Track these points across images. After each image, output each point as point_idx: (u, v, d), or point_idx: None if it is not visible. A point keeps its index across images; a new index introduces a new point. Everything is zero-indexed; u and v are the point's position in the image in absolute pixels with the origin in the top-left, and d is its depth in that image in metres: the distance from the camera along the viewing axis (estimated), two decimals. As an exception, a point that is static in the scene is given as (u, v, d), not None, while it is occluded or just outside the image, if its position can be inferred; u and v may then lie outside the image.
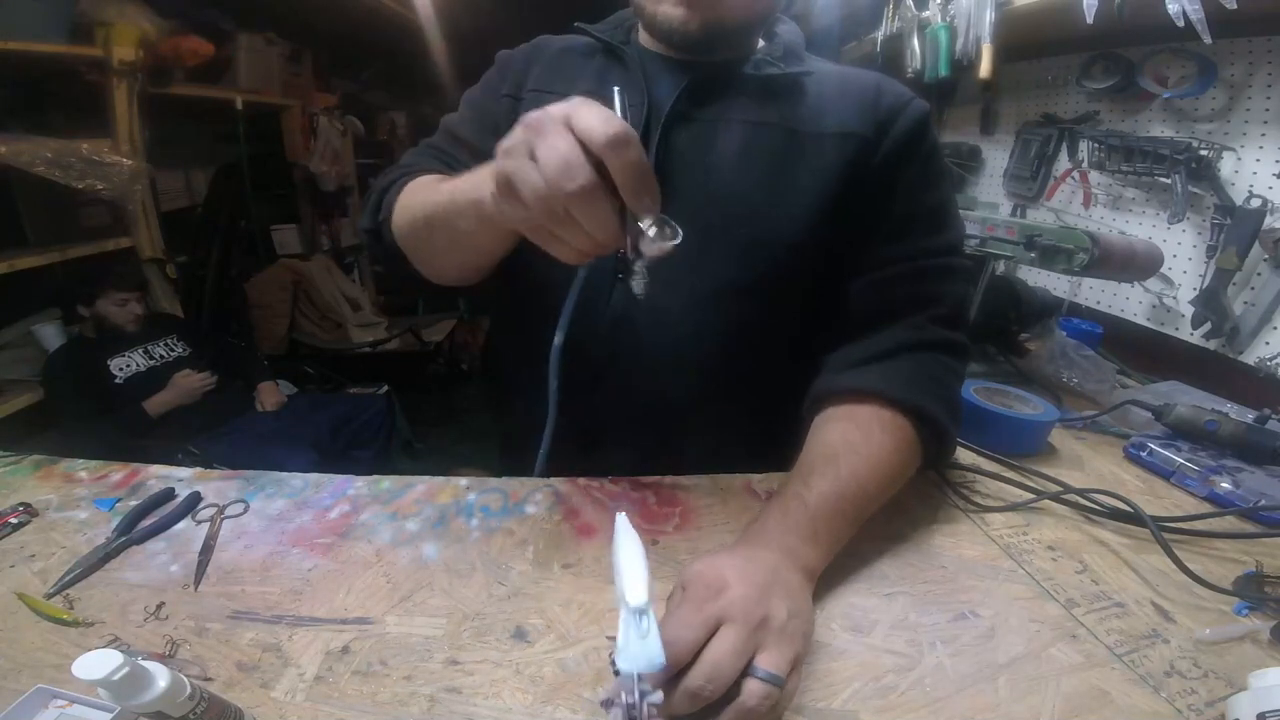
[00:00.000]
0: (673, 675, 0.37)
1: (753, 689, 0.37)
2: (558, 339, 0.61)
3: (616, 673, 0.34)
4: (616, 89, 0.40)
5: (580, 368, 0.63)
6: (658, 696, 0.33)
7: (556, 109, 0.36)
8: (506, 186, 0.38)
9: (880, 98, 0.63)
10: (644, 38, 0.68)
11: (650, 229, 0.39)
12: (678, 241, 0.40)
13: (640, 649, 0.33)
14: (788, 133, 0.62)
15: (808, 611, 0.44)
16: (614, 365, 0.64)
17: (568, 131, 0.36)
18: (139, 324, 1.76)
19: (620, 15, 0.69)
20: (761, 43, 0.67)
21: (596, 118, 0.35)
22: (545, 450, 0.65)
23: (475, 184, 0.47)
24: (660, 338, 0.62)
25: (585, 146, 0.35)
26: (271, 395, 1.97)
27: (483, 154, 0.47)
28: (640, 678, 0.33)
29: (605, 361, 0.64)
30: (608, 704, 0.34)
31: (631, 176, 0.36)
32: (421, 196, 0.58)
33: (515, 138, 0.37)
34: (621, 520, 0.39)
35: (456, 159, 0.67)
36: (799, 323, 0.67)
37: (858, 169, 0.61)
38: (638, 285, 0.45)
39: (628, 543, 0.37)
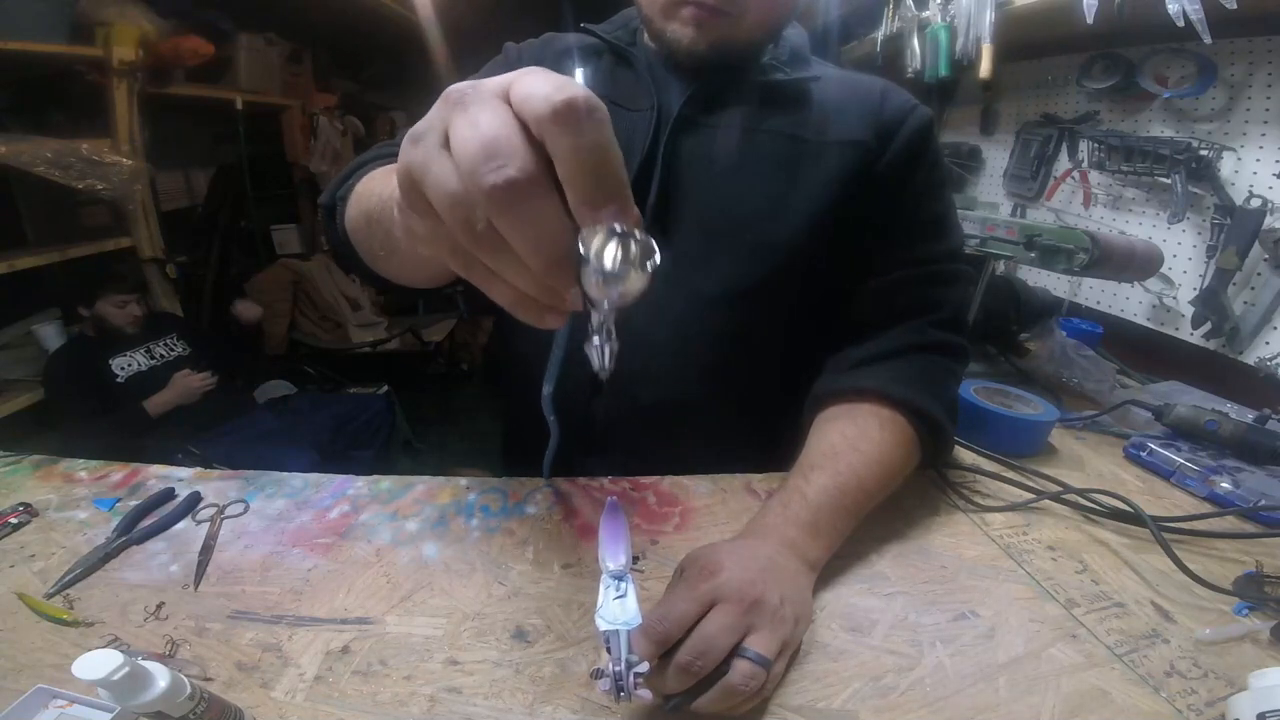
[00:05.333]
0: (664, 652, 0.38)
1: (740, 668, 0.37)
2: (546, 389, 0.62)
3: (608, 650, 0.35)
4: (580, 69, 0.29)
5: (580, 381, 0.64)
6: (644, 667, 0.35)
7: (494, 78, 0.25)
8: (410, 190, 0.26)
9: (885, 105, 0.64)
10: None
11: (602, 246, 0.23)
12: (641, 283, 0.24)
13: (617, 609, 0.35)
14: (793, 140, 0.62)
15: (802, 599, 0.45)
16: (616, 371, 0.65)
17: (501, 103, 0.24)
18: (138, 325, 1.76)
19: (625, 15, 0.69)
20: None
21: (543, 82, 0.23)
22: (548, 466, 0.66)
23: None
24: (663, 340, 0.62)
25: (524, 124, 0.24)
26: (250, 310, 2.13)
27: None
28: (629, 648, 0.35)
29: (595, 370, 0.65)
30: (597, 674, 0.36)
31: (583, 163, 0.23)
32: (373, 185, 0.48)
33: (429, 118, 0.25)
34: (612, 501, 0.42)
35: None
36: (801, 326, 0.67)
37: (861, 176, 0.62)
38: (596, 353, 0.28)
39: (613, 519, 0.40)
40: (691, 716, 0.38)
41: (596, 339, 0.28)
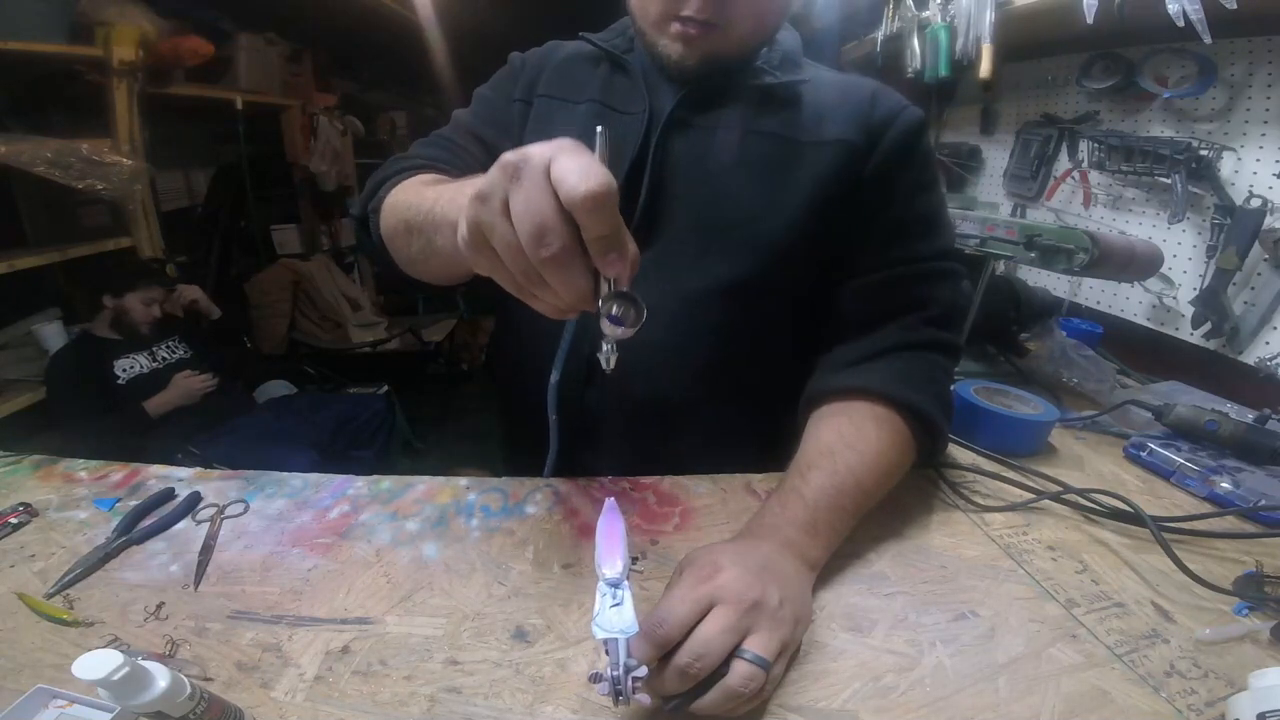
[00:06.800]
0: (664, 654, 0.38)
1: (739, 670, 0.37)
2: (554, 377, 0.62)
3: (607, 652, 0.35)
4: (600, 129, 0.37)
5: (578, 377, 0.64)
6: (642, 671, 0.35)
7: (537, 152, 0.34)
8: (478, 238, 0.36)
9: (875, 106, 0.64)
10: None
11: (611, 308, 0.36)
12: (634, 330, 0.37)
13: (614, 617, 0.35)
14: (783, 140, 0.63)
15: (802, 599, 0.45)
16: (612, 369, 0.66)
17: (545, 183, 0.33)
18: (152, 327, 1.76)
19: (623, 23, 0.71)
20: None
21: (576, 171, 0.32)
22: (551, 462, 0.66)
23: (456, 204, 0.44)
24: (657, 338, 0.63)
25: (561, 203, 0.33)
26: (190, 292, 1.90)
27: (494, 150, 0.45)
28: (627, 652, 0.35)
29: (602, 368, 0.66)
30: (595, 678, 0.36)
31: (602, 239, 0.34)
32: (408, 197, 0.56)
33: (491, 182, 0.35)
34: (609, 503, 0.41)
35: (468, 151, 0.68)
36: (793, 325, 0.68)
37: (850, 176, 0.62)
38: (604, 360, 0.41)
39: (611, 522, 0.40)
40: (691, 718, 0.38)
41: (605, 350, 0.41)
